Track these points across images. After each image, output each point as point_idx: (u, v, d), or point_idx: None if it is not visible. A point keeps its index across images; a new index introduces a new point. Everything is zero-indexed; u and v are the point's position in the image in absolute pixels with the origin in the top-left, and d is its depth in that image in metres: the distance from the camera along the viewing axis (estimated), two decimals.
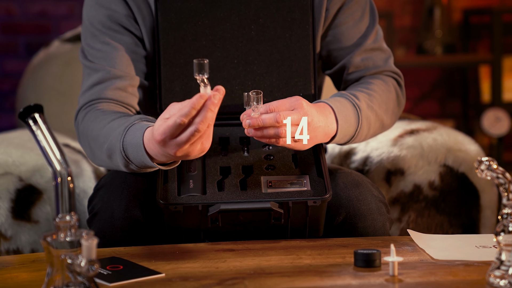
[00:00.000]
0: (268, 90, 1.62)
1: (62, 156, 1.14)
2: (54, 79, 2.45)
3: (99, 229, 1.52)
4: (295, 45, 1.62)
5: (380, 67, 1.67)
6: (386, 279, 1.25)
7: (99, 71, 1.60)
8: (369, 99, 1.58)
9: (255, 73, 1.62)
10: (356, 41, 1.66)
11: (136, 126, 1.45)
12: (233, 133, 1.60)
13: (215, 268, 1.32)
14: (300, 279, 1.26)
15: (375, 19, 1.68)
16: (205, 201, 1.47)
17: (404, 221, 2.01)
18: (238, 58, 1.62)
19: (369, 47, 1.66)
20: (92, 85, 1.60)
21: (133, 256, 1.39)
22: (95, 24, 1.61)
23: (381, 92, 1.62)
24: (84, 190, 1.99)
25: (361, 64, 1.66)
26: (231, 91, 1.61)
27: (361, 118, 1.54)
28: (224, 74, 1.61)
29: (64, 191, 1.13)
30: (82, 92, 1.63)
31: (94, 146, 1.54)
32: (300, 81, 1.62)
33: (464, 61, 4.16)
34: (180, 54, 1.60)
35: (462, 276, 1.26)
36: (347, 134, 1.53)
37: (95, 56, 1.61)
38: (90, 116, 1.57)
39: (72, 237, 1.12)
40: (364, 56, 1.66)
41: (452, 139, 2.06)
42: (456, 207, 2.00)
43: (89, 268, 1.08)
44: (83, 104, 1.61)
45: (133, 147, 1.44)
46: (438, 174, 2.01)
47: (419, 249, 1.42)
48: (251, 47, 1.62)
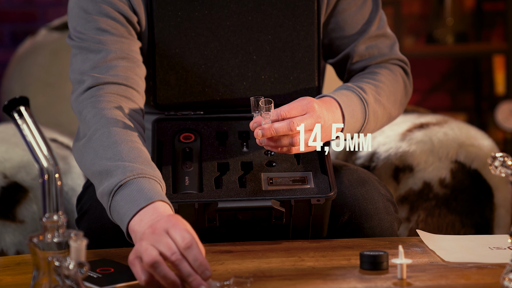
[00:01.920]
0: (269, 82, 1.61)
1: (49, 151, 1.13)
2: (41, 70, 2.45)
3: (89, 229, 1.52)
4: (299, 34, 1.61)
5: (386, 55, 1.67)
6: (394, 283, 1.24)
7: (100, 52, 1.53)
8: (376, 91, 1.58)
9: (256, 64, 1.61)
10: (360, 29, 1.66)
11: (125, 193, 1.34)
12: (232, 127, 1.60)
13: (211, 271, 1.32)
14: (302, 282, 1.26)
15: (378, 4, 1.68)
16: (201, 199, 1.47)
17: (413, 221, 2.01)
18: (237, 48, 1.61)
19: (374, 34, 1.66)
20: (95, 66, 1.51)
21: (125, 258, 1.39)
22: (89, 10, 1.56)
23: (388, 83, 1.61)
24: (72, 188, 1.99)
25: (366, 52, 1.65)
26: (230, 83, 1.61)
27: (368, 113, 1.54)
28: (222, 65, 1.61)
29: (51, 189, 1.13)
30: (80, 72, 1.52)
31: (84, 157, 1.47)
32: (303, 73, 1.62)
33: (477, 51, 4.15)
34: (175, 44, 1.60)
35: (475, 280, 1.26)
36: (353, 130, 1.53)
37: (90, 40, 1.54)
38: (94, 118, 1.47)
39: (60, 238, 1.11)
40: (369, 44, 1.66)
41: (464, 133, 2.06)
42: (468, 206, 2.00)
43: (78, 271, 1.08)
44: (90, 86, 1.50)
45: (119, 216, 1.35)
46: (449, 171, 2.01)
47: (429, 250, 1.42)
48: (251, 36, 1.61)
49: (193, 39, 1.60)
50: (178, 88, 1.60)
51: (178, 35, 1.60)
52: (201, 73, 1.60)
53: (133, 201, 1.33)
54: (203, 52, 1.60)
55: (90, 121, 1.46)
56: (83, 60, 1.54)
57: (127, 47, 1.56)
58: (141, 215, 1.31)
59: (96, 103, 1.49)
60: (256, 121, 1.41)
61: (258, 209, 1.47)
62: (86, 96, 1.51)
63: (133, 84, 1.54)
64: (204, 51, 1.60)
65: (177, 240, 1.22)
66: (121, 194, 1.35)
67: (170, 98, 1.61)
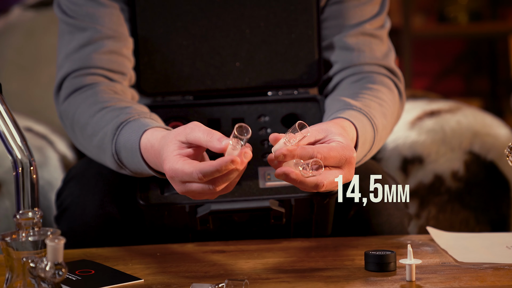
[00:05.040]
0: (264, 62, 1.61)
1: (23, 142, 1.13)
2: (14, 52, 2.44)
3: (69, 228, 1.52)
4: (296, 8, 1.60)
5: (377, 59, 1.61)
6: (402, 285, 1.25)
7: (86, 30, 1.56)
8: (383, 115, 1.51)
9: (249, 42, 1.61)
10: (355, 23, 1.62)
11: (132, 125, 1.42)
12: (225, 114, 1.59)
13: (203, 273, 1.32)
14: (302, 285, 1.26)
15: (384, 7, 1.64)
16: (192, 201, 1.47)
17: (423, 217, 2.01)
18: (229, 25, 1.61)
19: (368, 31, 1.61)
20: (79, 47, 1.56)
21: (107, 258, 1.39)
22: None
23: (390, 103, 1.55)
24: (49, 182, 1.99)
25: (355, 46, 1.61)
26: (222, 64, 1.60)
27: (375, 142, 1.50)
28: (212, 44, 1.60)
29: (26, 183, 1.13)
30: (65, 54, 1.58)
31: (79, 135, 1.52)
32: (301, 51, 1.60)
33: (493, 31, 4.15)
34: (159, 22, 1.59)
35: (491, 282, 1.26)
36: (357, 158, 1.48)
37: (78, 13, 1.57)
38: (77, 97, 1.54)
39: (35, 236, 1.11)
40: (361, 39, 1.61)
41: (479, 121, 2.06)
42: (483, 201, 2.01)
43: (55, 273, 1.07)
44: (69, 71, 1.56)
45: (127, 151, 1.42)
46: (462, 163, 2.01)
47: (440, 250, 1.42)
48: (243, 11, 1.60)
49: (179, 16, 1.59)
50: (164, 71, 1.60)
51: (162, 12, 1.59)
52: (189, 54, 1.60)
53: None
54: (191, 30, 1.59)
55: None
56: (69, 40, 1.57)
57: (117, 20, 1.56)
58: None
59: (78, 87, 1.54)
60: (283, 157, 1.28)
61: (255, 210, 1.46)
62: (66, 91, 1.55)
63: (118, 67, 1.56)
64: (191, 30, 1.59)
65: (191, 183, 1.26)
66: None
67: (156, 83, 1.60)
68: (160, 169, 1.37)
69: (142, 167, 1.40)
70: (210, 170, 1.23)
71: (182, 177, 1.26)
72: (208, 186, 1.25)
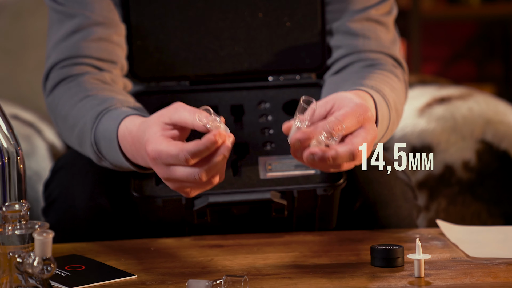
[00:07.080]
0: (264, 45, 1.60)
1: (9, 130, 1.13)
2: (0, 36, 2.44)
3: (57, 221, 1.52)
4: None
5: (384, 47, 1.60)
6: (410, 282, 1.25)
7: (75, 17, 1.56)
8: (394, 102, 1.50)
9: (248, 25, 1.61)
10: (360, 8, 1.61)
11: (112, 113, 1.43)
12: (222, 100, 1.59)
13: (200, 268, 1.32)
14: (304, 281, 1.26)
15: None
16: None
17: (432, 209, 2.01)
18: (227, 7, 1.60)
19: (374, 17, 1.60)
20: (67, 35, 1.57)
21: (98, 253, 1.39)
22: None
23: (400, 92, 1.55)
24: (37, 172, 1.99)
25: (360, 32, 1.59)
26: (219, 47, 1.60)
27: (390, 123, 1.48)
28: (209, 27, 1.60)
29: (12, 174, 1.13)
30: (54, 43, 1.58)
31: (62, 126, 1.53)
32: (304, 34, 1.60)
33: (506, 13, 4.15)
34: (153, 4, 1.59)
35: (504, 278, 1.26)
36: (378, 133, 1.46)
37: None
38: (61, 88, 1.54)
39: (22, 230, 1.12)
40: (366, 25, 1.60)
41: (491, 108, 2.06)
42: (496, 193, 2.01)
43: (44, 268, 1.07)
44: (56, 61, 1.57)
45: (106, 140, 1.42)
46: (474, 152, 2.01)
47: (450, 244, 1.42)
48: None
49: None
50: (158, 55, 1.60)
51: None
52: (185, 38, 1.60)
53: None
54: (187, 13, 1.59)
55: None
56: (58, 28, 1.57)
57: (107, 6, 1.56)
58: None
59: (64, 78, 1.54)
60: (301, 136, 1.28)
61: (255, 203, 1.46)
62: (52, 82, 1.55)
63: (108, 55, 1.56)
64: (187, 11, 1.59)
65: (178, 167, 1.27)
66: None
67: (150, 67, 1.60)
68: (137, 160, 1.36)
69: (120, 159, 1.40)
70: (198, 148, 1.23)
71: (166, 159, 1.26)
72: (194, 171, 1.25)
